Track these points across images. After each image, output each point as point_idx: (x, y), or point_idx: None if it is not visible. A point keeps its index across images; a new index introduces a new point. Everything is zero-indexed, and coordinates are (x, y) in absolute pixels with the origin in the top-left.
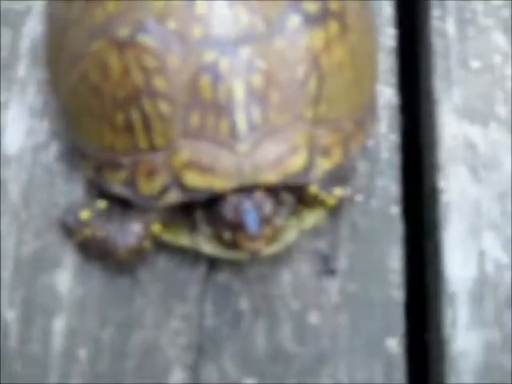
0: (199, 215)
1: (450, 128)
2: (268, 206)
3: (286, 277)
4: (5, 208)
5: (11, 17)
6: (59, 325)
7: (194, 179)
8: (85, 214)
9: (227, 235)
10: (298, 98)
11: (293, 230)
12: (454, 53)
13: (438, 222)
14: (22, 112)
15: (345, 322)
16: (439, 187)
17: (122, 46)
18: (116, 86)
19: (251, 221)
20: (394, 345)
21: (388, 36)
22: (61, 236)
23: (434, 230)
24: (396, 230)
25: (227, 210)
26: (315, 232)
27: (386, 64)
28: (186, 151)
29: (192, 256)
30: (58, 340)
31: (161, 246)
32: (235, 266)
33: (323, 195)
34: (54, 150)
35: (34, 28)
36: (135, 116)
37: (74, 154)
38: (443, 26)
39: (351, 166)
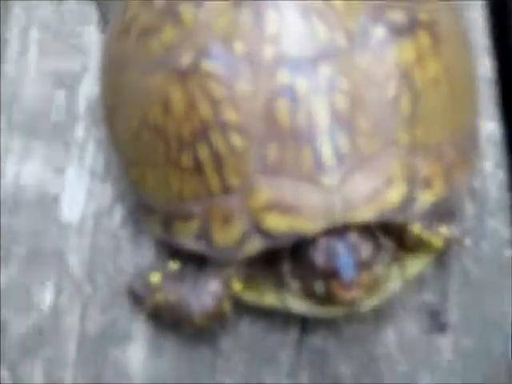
0: (285, 267)
1: None
2: (365, 249)
3: (389, 335)
4: (66, 282)
5: (66, 77)
6: None
7: (276, 222)
8: (155, 277)
9: (319, 286)
10: (389, 120)
11: (394, 280)
12: None
13: None
14: (82, 175)
15: (463, 382)
16: None
17: (184, 75)
18: (181, 121)
19: (346, 265)
20: None
21: (485, 67)
22: (130, 307)
23: None
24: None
25: (317, 256)
26: (419, 283)
27: (485, 96)
28: (265, 190)
29: (280, 318)
30: None
31: (243, 308)
32: (330, 327)
33: (427, 235)
34: (118, 214)
35: (90, 88)
36: (204, 154)
37: (140, 213)
38: None
39: (456, 201)
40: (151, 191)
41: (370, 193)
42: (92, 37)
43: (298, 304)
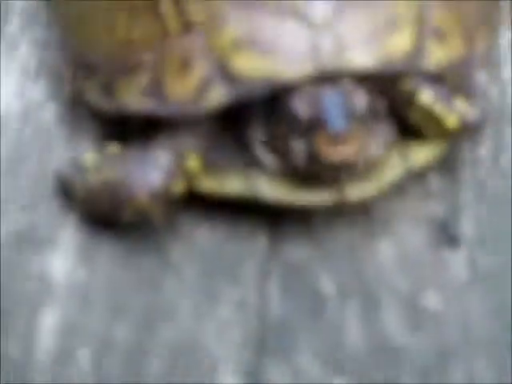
0: (255, 130)
1: None
2: (359, 97)
3: (387, 248)
4: None
5: None
6: (50, 319)
7: (248, 65)
8: (90, 158)
9: (299, 146)
10: None
11: (394, 168)
12: None
13: None
14: (11, 72)
15: (478, 304)
16: None
17: None
18: None
19: (335, 113)
20: None
21: None
22: (57, 207)
23: None
24: None
25: (298, 105)
26: (425, 194)
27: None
28: (234, 25)
29: (245, 225)
30: (47, 339)
31: (199, 213)
32: (309, 235)
33: (440, 109)
34: (51, 111)
35: None
36: None
37: (78, 81)
38: None
39: (474, 73)
40: (91, 41)
41: (370, 33)
42: None
43: (269, 188)
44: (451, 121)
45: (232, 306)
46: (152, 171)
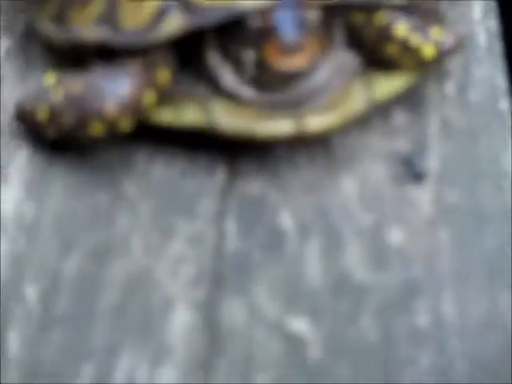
0: (210, 52)
1: None
2: (312, 10)
3: (350, 184)
4: None
5: None
6: None
7: None
8: (50, 78)
9: (249, 55)
10: None
11: (357, 100)
12: None
13: None
14: None
15: (444, 240)
16: None
17: None
18: None
19: (286, 21)
20: None
21: None
22: (8, 144)
23: None
24: (507, 126)
25: (250, 18)
26: (389, 130)
27: None
28: None
29: (203, 160)
30: None
31: (155, 147)
32: (269, 172)
33: (416, 40)
34: (2, 45)
35: None
36: None
37: (29, 3)
38: None
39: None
40: None
41: None
42: None
43: (227, 118)
44: (428, 50)
45: (187, 241)
46: (122, 80)
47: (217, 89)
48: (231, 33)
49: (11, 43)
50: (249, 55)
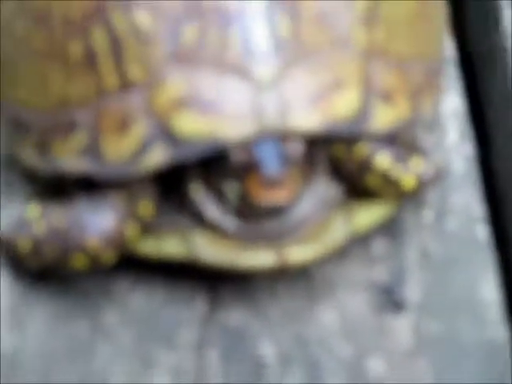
0: (192, 185)
1: None
2: (295, 143)
3: (330, 313)
4: None
5: None
6: None
7: (189, 124)
8: (32, 210)
9: (232, 189)
10: (343, 12)
11: (337, 230)
12: None
13: None
14: None
15: (424, 371)
16: None
17: None
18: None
19: (269, 157)
20: None
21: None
22: None
23: None
24: (486, 255)
25: (233, 152)
26: (368, 259)
27: (449, 73)
28: (176, 82)
29: (183, 290)
30: None
31: (136, 276)
32: (249, 302)
33: (397, 171)
34: None
35: None
36: (99, 39)
37: (11, 141)
38: None
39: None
40: (25, 100)
41: (315, 94)
42: None
43: (209, 249)
44: (408, 181)
45: (168, 373)
46: (104, 213)
47: (199, 220)
48: (214, 165)
49: None
50: (231, 188)
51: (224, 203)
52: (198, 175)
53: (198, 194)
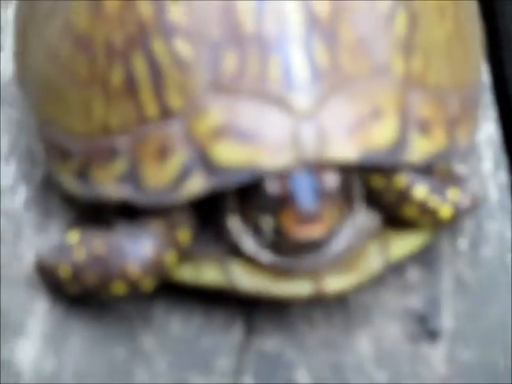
0: (230, 215)
1: None
2: (331, 177)
3: (365, 341)
4: None
5: None
6: None
7: (228, 153)
8: (73, 235)
9: (268, 223)
10: (381, 40)
11: (373, 260)
12: None
13: None
14: None
15: None
16: None
17: None
18: (113, 26)
19: (304, 191)
20: None
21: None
22: (25, 296)
23: None
24: None
25: (269, 183)
26: (403, 287)
27: (483, 98)
28: (216, 111)
29: (220, 316)
30: None
31: (174, 300)
32: (286, 329)
33: (435, 202)
34: (21, 196)
35: (4, 66)
36: (140, 67)
37: (51, 165)
38: None
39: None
40: (67, 126)
41: (353, 124)
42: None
43: (246, 278)
44: (445, 211)
45: None
46: (144, 240)
47: (236, 249)
48: (251, 197)
49: (30, 193)
50: (267, 222)
51: (260, 236)
52: (235, 207)
53: (235, 225)
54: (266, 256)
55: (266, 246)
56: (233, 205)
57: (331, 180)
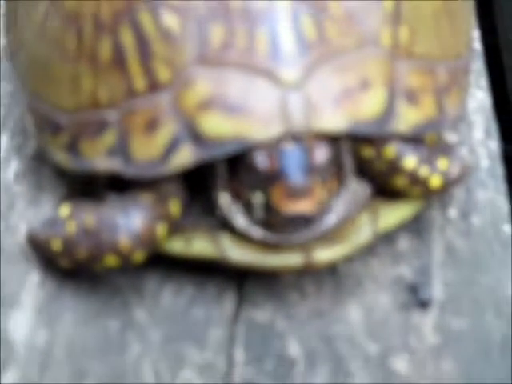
0: (220, 185)
1: None
2: (321, 152)
3: (356, 311)
4: None
5: None
6: (10, 380)
7: (216, 125)
8: (65, 209)
9: (258, 198)
10: (368, 12)
11: (366, 231)
12: None
13: None
14: None
15: (449, 368)
16: None
17: None
18: (99, 1)
19: (293, 166)
20: None
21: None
22: (18, 269)
23: None
24: (509, 250)
25: (258, 155)
26: (393, 257)
27: (474, 67)
28: (203, 83)
29: (211, 288)
30: None
31: (165, 273)
32: (277, 300)
33: (425, 172)
34: (12, 168)
35: None
36: (127, 40)
37: (42, 139)
38: None
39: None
40: (57, 100)
41: (341, 94)
42: None
43: (237, 250)
44: (435, 181)
45: (197, 369)
46: (135, 213)
47: (227, 224)
48: (240, 174)
49: (22, 166)
50: (257, 198)
51: (251, 212)
52: (226, 184)
53: (226, 202)
54: (256, 231)
55: (256, 222)
56: (223, 181)
57: (321, 154)
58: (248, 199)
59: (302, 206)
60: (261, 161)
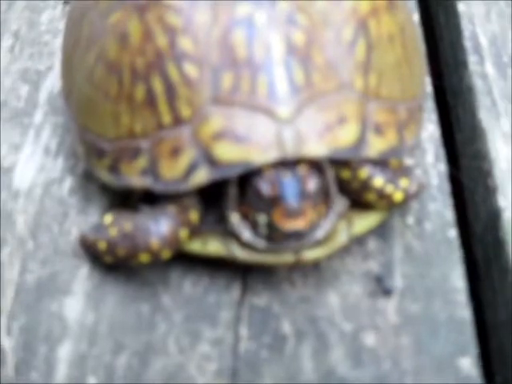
0: (230, 207)
1: (503, 152)
2: (312, 181)
3: (333, 298)
4: (9, 238)
5: (31, 75)
6: (64, 352)
7: (226, 152)
8: (108, 217)
9: (262, 218)
10: (345, 62)
11: (341, 235)
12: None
13: (504, 241)
14: (36, 152)
15: (407, 342)
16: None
17: (143, 8)
18: (136, 53)
19: (290, 192)
20: (468, 365)
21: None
22: (72, 262)
23: (500, 250)
24: (455, 252)
25: (263, 184)
26: (364, 254)
27: (426, 105)
28: (216, 119)
29: (222, 278)
30: (62, 368)
31: (187, 266)
32: (273, 288)
33: (390, 189)
34: (67, 185)
35: (52, 83)
36: (157, 86)
37: (89, 160)
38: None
39: (405, 158)
40: (101, 131)
41: (323, 128)
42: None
43: (242, 251)
44: (398, 196)
45: (211, 343)
46: (163, 221)
47: (233, 232)
48: (248, 199)
49: (74, 183)
50: (261, 218)
51: (256, 229)
52: (236, 207)
53: (236, 220)
54: (260, 243)
55: (260, 236)
56: (233, 204)
57: (312, 183)
58: (254, 219)
59: (297, 224)
60: (265, 188)
